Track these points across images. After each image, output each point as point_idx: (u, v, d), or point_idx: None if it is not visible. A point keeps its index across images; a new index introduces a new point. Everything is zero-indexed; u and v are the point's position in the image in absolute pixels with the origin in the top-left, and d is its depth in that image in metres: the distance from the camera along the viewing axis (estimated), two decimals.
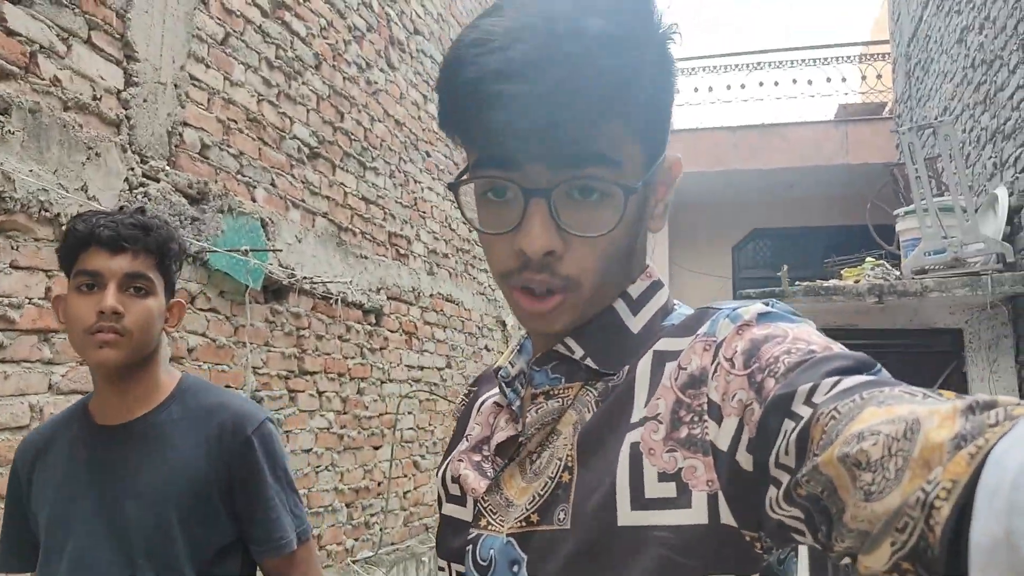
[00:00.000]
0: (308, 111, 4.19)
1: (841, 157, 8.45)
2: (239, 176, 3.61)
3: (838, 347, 0.60)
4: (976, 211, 4.45)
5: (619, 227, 0.68)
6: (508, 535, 0.71)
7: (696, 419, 0.64)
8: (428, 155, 5.71)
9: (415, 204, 5.46)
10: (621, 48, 0.65)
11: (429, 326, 5.61)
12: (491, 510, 0.75)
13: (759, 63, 9.06)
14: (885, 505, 0.44)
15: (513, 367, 0.81)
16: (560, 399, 0.74)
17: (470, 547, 0.75)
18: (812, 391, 0.54)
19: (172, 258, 1.50)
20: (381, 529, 4.83)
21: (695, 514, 0.63)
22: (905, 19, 6.79)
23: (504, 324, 7.15)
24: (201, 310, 3.35)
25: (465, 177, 0.73)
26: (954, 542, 0.39)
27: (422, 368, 5.47)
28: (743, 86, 9.08)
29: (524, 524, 0.71)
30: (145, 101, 3.05)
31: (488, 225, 0.72)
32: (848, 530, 0.47)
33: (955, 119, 4.97)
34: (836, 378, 0.54)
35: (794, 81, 8.98)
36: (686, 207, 9.54)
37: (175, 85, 3.21)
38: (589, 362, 0.74)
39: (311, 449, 4.12)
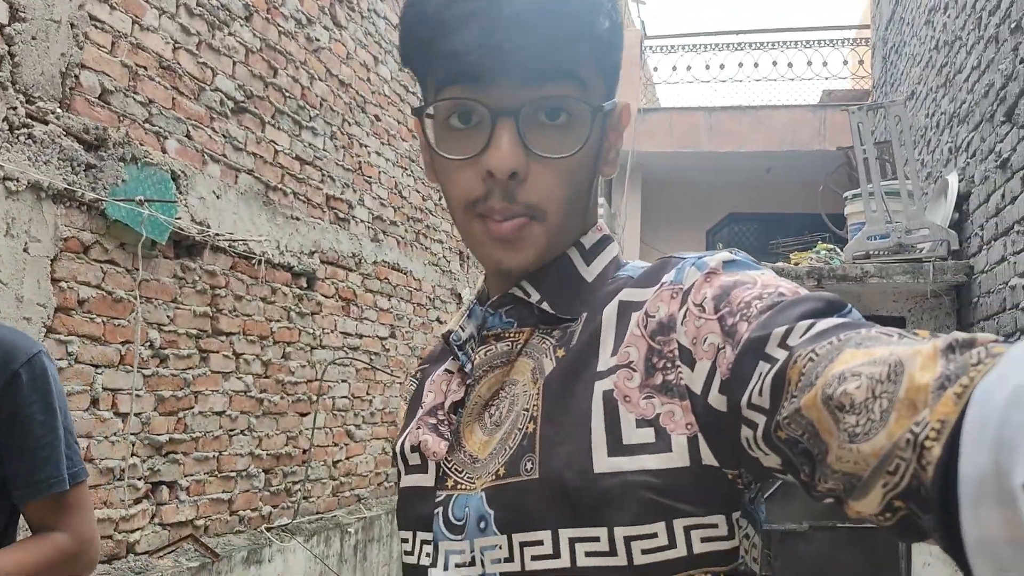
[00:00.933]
0: (235, 63, 4.04)
1: (818, 143, 8.28)
2: (147, 125, 3.46)
3: (804, 291, 0.61)
4: (928, 196, 4.31)
5: (584, 150, 0.69)
6: (482, 490, 0.70)
7: (669, 365, 0.65)
8: (378, 119, 5.56)
9: (359, 168, 5.30)
10: None
11: (371, 294, 5.48)
12: (456, 469, 0.74)
13: (740, 43, 8.86)
14: (872, 446, 0.45)
15: (464, 331, 0.80)
16: (510, 342, 0.75)
17: (440, 509, 0.73)
18: (787, 334, 0.55)
19: None
20: (305, 497, 4.72)
21: (676, 457, 0.63)
22: (885, 2, 6.61)
23: (460, 296, 7.01)
24: (96, 261, 3.22)
25: (434, 99, 0.72)
26: (944, 479, 0.40)
27: (361, 336, 5.34)
28: (722, 66, 8.89)
29: (494, 479, 0.70)
30: (33, 39, 2.90)
31: (456, 151, 0.71)
32: (832, 471, 0.48)
33: (905, 100, 4.81)
34: (810, 321, 0.54)
35: (774, 64, 8.78)
36: (660, 187, 9.38)
37: (71, 24, 3.06)
38: (545, 306, 0.74)
39: (224, 412, 4.01)
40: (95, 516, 1.53)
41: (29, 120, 2.89)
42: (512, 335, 0.75)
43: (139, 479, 3.48)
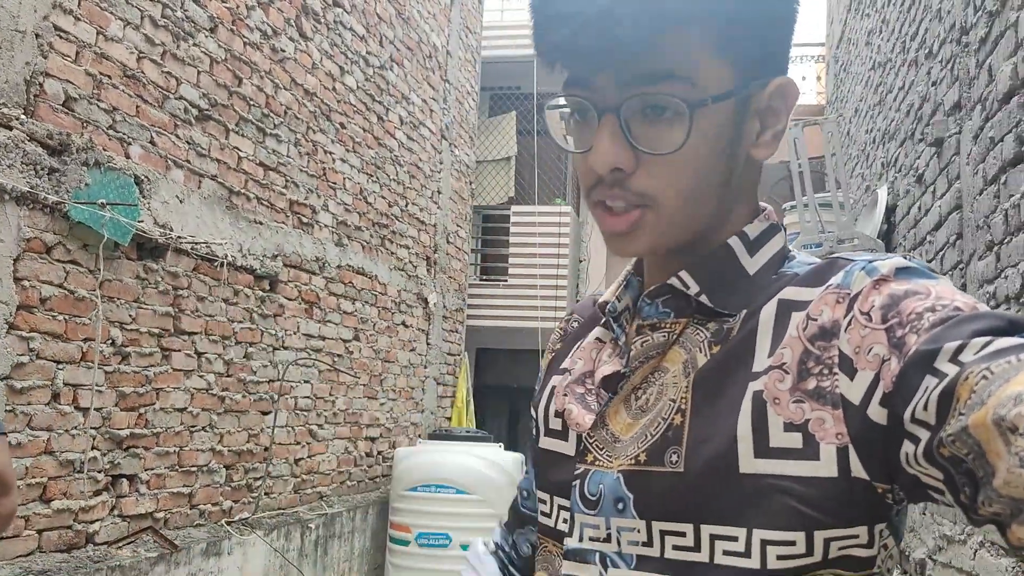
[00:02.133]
0: (199, 73, 4.20)
1: (780, 155, 8.52)
2: (111, 131, 3.62)
3: (983, 307, 0.58)
4: (862, 208, 4.52)
5: (689, 145, 0.67)
6: (618, 471, 0.71)
7: (826, 371, 0.63)
8: (343, 127, 5.73)
9: (324, 174, 5.47)
10: None
11: (335, 297, 5.64)
12: (597, 446, 0.74)
13: None
14: None
15: (620, 302, 0.79)
16: (666, 333, 0.74)
17: (577, 482, 0.75)
18: (960, 349, 0.52)
19: None
20: (266, 493, 4.87)
21: (824, 466, 0.61)
22: (837, 22, 6.87)
23: (426, 301, 7.18)
24: (59, 261, 3.37)
25: (555, 99, 0.74)
26: None
27: (324, 338, 5.50)
28: None
29: (633, 463, 0.70)
30: None
31: (576, 145, 0.73)
32: (999, 495, 0.47)
33: (837, 117, 5.04)
34: (987, 338, 0.52)
35: None
36: None
37: (36, 35, 3.22)
38: (704, 299, 0.72)
39: (185, 408, 4.16)
40: (12, 468, 1.68)
41: None
42: (668, 325, 0.74)
43: (99, 472, 3.62)
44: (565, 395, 0.81)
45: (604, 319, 0.81)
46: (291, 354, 5.09)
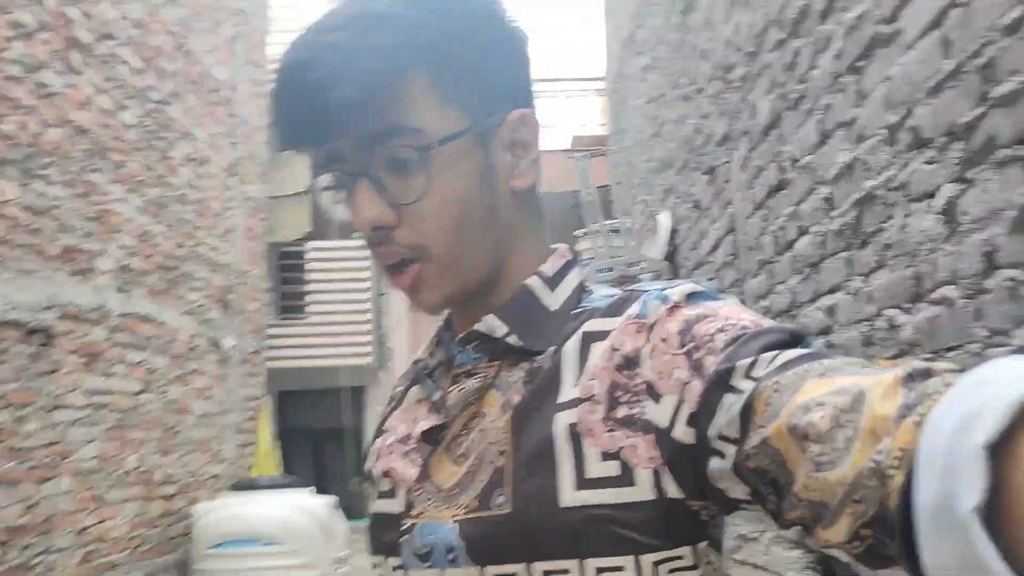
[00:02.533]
0: None
1: (566, 184, 8.93)
2: None
3: (767, 322, 0.62)
4: (648, 232, 4.81)
5: (437, 188, 0.68)
6: (454, 521, 0.70)
7: (634, 399, 0.65)
8: (122, 165, 5.37)
9: (102, 216, 5.09)
10: (399, 23, 0.67)
11: (120, 347, 5.24)
12: (425, 497, 0.73)
13: None
14: (837, 475, 0.46)
15: (433, 358, 0.80)
16: (481, 377, 0.74)
17: (406, 536, 0.73)
18: (751, 365, 0.56)
19: None
20: (47, 570, 4.41)
21: (640, 491, 0.64)
22: (613, 58, 7.32)
23: (218, 345, 6.84)
24: None
25: (316, 182, 0.75)
26: (906, 507, 0.41)
27: (109, 393, 5.09)
28: None
29: (466, 511, 0.69)
30: None
31: (349, 215, 0.73)
32: (799, 500, 0.49)
33: (620, 148, 5.38)
34: (774, 352, 0.56)
35: None
36: None
37: None
38: (512, 340, 0.73)
39: None
40: None
41: None
42: (483, 370, 0.75)
43: None
44: (390, 453, 0.81)
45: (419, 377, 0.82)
46: (72, 413, 4.66)
